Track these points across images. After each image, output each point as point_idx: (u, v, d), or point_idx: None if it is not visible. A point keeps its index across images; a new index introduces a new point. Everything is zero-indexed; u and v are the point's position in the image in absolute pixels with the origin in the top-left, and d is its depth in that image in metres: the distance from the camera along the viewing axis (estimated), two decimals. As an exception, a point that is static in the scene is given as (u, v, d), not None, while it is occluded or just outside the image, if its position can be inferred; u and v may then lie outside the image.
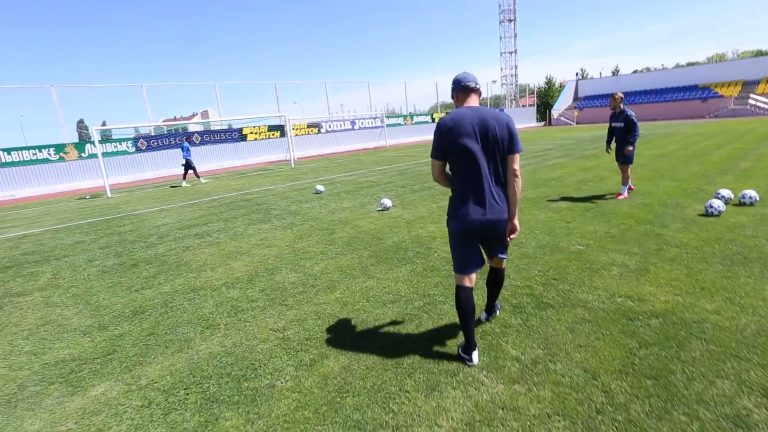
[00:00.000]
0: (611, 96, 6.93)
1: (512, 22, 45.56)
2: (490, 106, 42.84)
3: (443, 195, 8.30)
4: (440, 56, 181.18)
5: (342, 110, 36.81)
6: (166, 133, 23.69)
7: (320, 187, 10.12)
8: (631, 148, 6.71)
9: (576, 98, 48.40)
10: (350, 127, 28.81)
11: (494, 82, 45.29)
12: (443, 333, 2.99)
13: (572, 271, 3.92)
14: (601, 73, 61.00)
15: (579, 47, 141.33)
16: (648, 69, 56.15)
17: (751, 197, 5.84)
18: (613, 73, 60.48)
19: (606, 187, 7.80)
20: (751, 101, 33.57)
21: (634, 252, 4.31)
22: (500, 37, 46.33)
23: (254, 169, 19.89)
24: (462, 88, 2.54)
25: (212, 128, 25.41)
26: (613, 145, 7.17)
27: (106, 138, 21.20)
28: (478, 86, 2.55)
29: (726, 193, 5.97)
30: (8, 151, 17.39)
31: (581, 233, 5.09)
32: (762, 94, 33.90)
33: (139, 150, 20.79)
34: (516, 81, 47.53)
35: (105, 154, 19.19)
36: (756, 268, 3.69)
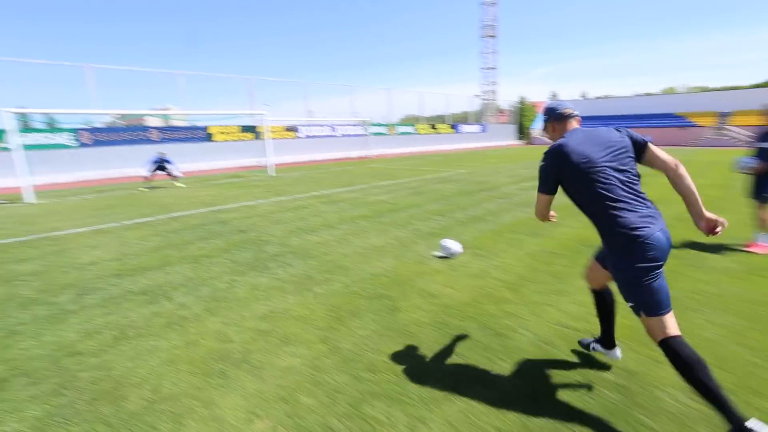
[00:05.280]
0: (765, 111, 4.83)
1: (493, 38, 44.72)
2: (467, 122, 41.57)
3: (513, 232, 5.89)
4: (423, 67, 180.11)
5: (312, 116, 34.13)
6: (121, 125, 20.09)
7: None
8: None
9: (552, 119, 48.02)
10: (330, 133, 26.19)
11: (477, 96, 44.11)
12: None
13: None
14: (570, 97, 62.37)
15: (539, 72, 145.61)
16: (608, 96, 56.54)
17: None
18: (582, 98, 61.25)
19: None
20: (726, 132, 33.99)
21: None
22: (481, 52, 45.39)
23: (224, 176, 16.77)
24: (557, 117, 2.25)
25: (173, 124, 22.06)
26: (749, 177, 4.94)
27: (51, 126, 17.77)
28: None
29: None
30: None
31: None
32: (735, 125, 34.44)
33: (83, 144, 17.21)
34: (495, 97, 46.62)
35: (37, 147, 15.57)
36: None
